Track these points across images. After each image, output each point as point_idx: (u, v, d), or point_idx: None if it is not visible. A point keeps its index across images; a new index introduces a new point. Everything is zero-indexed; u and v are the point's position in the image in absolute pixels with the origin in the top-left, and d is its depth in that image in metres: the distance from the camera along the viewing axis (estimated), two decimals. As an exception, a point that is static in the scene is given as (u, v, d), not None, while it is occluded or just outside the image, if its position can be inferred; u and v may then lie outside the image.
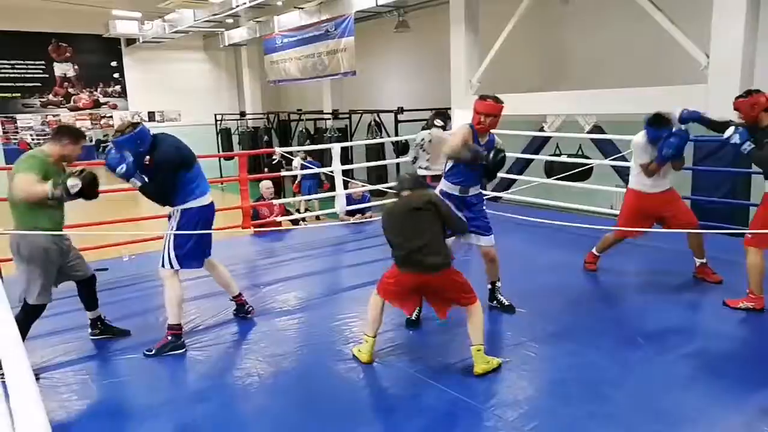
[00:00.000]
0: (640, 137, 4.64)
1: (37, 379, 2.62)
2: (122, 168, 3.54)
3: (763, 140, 3.89)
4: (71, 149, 3.63)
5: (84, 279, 3.94)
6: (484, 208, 4.24)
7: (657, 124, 4.52)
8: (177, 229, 3.82)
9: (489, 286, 4.29)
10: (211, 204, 3.95)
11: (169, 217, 3.91)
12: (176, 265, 3.84)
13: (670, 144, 4.37)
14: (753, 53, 6.57)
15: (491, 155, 3.88)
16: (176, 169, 3.72)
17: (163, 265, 3.86)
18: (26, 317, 3.55)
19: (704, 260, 4.71)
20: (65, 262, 3.77)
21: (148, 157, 3.65)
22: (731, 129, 4.06)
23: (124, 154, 3.55)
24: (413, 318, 4.04)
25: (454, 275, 3.41)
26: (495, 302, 4.28)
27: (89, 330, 4.07)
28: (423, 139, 6.00)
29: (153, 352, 3.75)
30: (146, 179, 3.69)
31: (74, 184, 3.36)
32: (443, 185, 4.18)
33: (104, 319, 4.13)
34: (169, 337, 3.82)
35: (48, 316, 4.36)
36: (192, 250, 3.88)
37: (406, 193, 3.51)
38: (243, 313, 4.37)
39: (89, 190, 3.47)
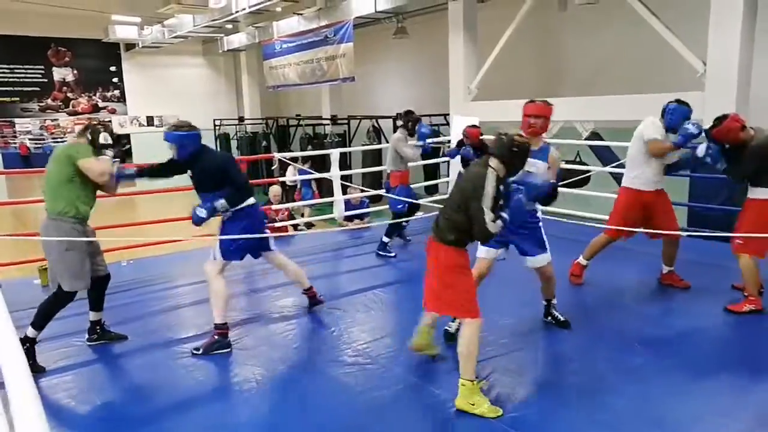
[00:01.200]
0: (652, 118, 4.53)
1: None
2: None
3: (740, 155, 4.05)
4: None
5: (101, 276, 3.96)
6: (540, 225, 3.93)
7: (684, 105, 4.39)
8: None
9: (544, 303, 4.12)
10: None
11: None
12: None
13: (711, 154, 4.19)
14: (749, 60, 6.61)
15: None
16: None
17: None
18: (55, 302, 3.71)
19: (672, 268, 4.73)
20: (92, 253, 3.84)
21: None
22: (702, 147, 4.17)
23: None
24: (452, 331, 3.79)
25: (452, 264, 3.07)
26: (550, 318, 4.07)
27: (86, 336, 4.06)
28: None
29: (201, 351, 3.80)
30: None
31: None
32: None
33: (103, 323, 4.12)
34: (216, 337, 3.87)
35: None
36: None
37: (489, 156, 3.10)
38: (315, 304, 4.58)
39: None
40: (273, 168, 11.29)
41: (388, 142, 7.53)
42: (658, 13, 7.50)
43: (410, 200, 6.03)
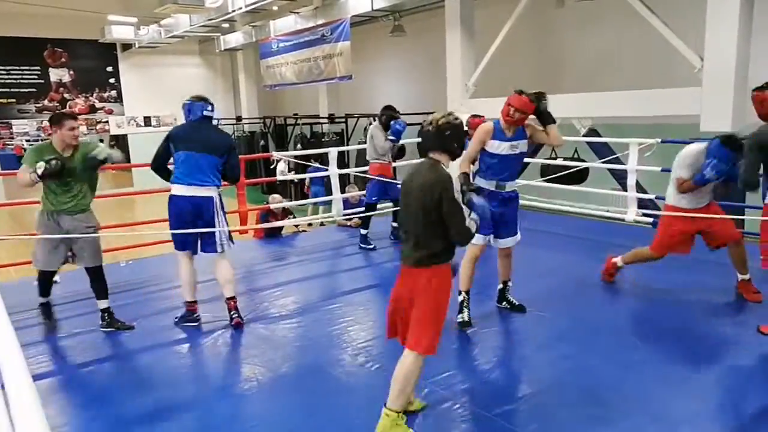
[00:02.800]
0: (693, 149, 4.19)
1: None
2: None
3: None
4: (59, 134, 3.99)
5: (87, 268, 4.21)
6: (517, 205, 4.11)
7: (729, 145, 3.94)
8: None
9: (500, 286, 4.28)
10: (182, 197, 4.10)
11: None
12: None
13: (715, 166, 3.92)
14: (747, 55, 6.61)
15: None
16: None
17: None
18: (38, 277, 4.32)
19: (747, 276, 4.33)
20: (70, 242, 4.11)
21: None
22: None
23: None
24: (466, 319, 4.00)
25: (430, 288, 2.67)
26: (504, 303, 4.25)
27: (99, 321, 4.34)
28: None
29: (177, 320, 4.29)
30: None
31: (39, 166, 3.81)
32: (477, 181, 3.93)
33: (111, 311, 4.34)
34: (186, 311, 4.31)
35: (43, 323, 4.38)
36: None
37: (429, 157, 2.73)
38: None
39: (51, 175, 3.86)
40: (272, 167, 11.29)
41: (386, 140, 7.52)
42: (655, 9, 7.49)
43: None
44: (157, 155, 4.20)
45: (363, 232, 6.35)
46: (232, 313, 4.26)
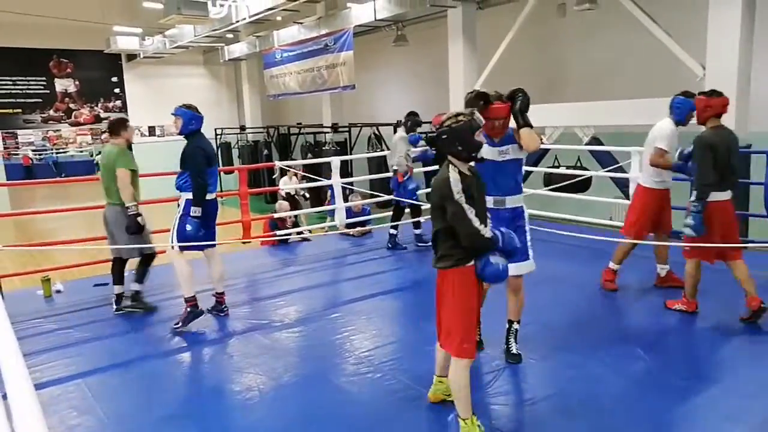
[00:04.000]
0: (668, 125, 4.52)
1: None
2: None
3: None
4: (126, 135, 4.85)
5: (145, 255, 4.89)
6: (525, 225, 3.48)
7: (690, 98, 4.36)
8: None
9: (507, 324, 3.69)
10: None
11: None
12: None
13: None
14: (749, 64, 6.62)
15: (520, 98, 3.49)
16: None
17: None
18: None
19: (667, 266, 4.82)
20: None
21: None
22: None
23: None
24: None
25: (454, 289, 2.69)
26: (505, 345, 3.65)
27: (121, 303, 4.84)
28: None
29: (180, 325, 4.35)
30: None
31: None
32: None
33: (141, 294, 4.87)
34: (188, 309, 4.39)
35: (46, 332, 4.40)
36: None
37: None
38: (218, 311, 4.71)
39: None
40: (274, 177, 11.32)
41: (389, 149, 7.56)
42: (657, 18, 7.53)
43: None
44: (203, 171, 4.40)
45: (392, 231, 6.61)
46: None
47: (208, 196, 4.39)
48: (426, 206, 6.29)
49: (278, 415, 3.17)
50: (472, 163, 2.72)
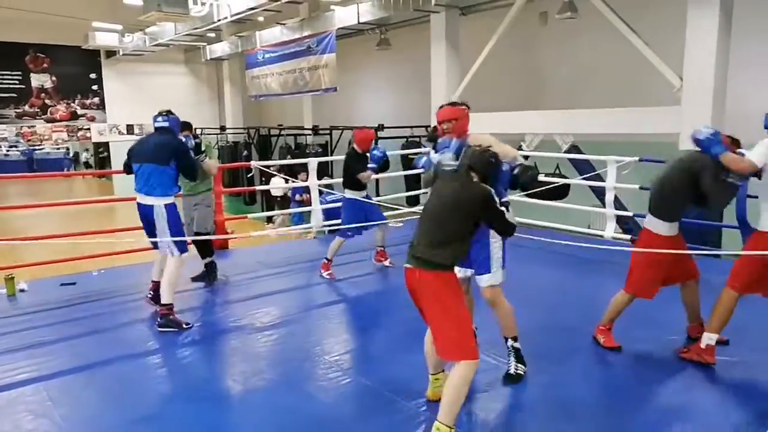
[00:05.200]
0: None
1: None
2: None
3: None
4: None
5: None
6: (492, 238, 3.33)
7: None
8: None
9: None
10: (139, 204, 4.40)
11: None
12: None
13: None
14: (725, 75, 6.71)
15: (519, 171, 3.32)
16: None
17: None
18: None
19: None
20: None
21: None
22: None
23: None
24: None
25: (448, 293, 2.70)
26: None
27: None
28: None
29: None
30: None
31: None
32: None
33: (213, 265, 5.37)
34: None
35: (6, 333, 4.26)
36: None
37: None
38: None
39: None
40: (249, 176, 11.21)
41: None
42: (637, 29, 7.60)
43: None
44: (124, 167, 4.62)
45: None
46: (160, 318, 4.32)
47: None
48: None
49: (244, 421, 3.09)
50: None
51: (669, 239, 3.61)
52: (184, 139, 4.68)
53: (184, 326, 4.29)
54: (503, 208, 2.94)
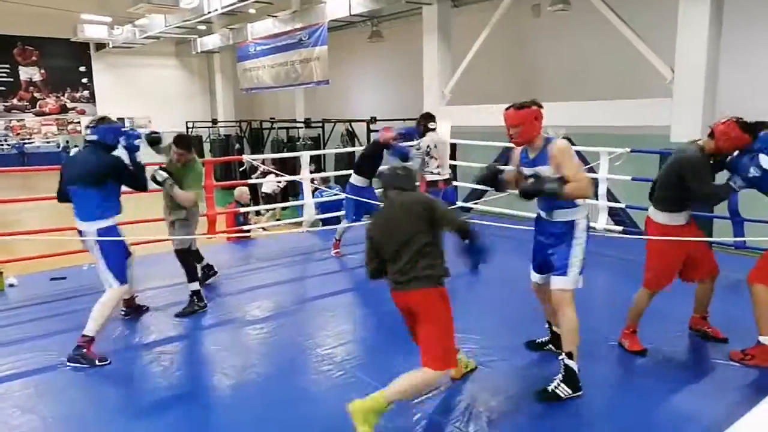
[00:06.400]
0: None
1: None
2: None
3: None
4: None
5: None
6: (573, 240, 3.13)
7: None
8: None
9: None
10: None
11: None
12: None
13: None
14: (716, 68, 6.72)
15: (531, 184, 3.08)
16: None
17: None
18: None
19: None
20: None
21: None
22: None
23: None
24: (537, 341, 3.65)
25: (436, 307, 2.79)
26: (554, 382, 3.11)
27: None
28: (428, 146, 5.62)
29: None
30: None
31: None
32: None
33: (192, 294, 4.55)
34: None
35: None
36: None
37: (394, 193, 2.93)
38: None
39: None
40: (241, 170, 11.16)
41: (362, 145, 7.40)
42: (629, 21, 7.59)
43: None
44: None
45: None
46: (74, 350, 3.65)
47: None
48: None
49: (236, 414, 3.07)
50: None
51: (672, 228, 3.53)
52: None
53: (98, 363, 3.59)
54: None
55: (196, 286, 4.59)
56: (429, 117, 5.82)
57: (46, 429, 2.96)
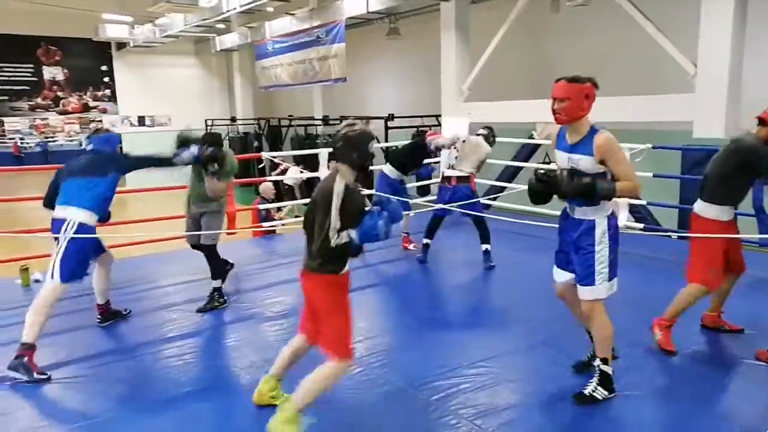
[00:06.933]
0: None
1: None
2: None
3: None
4: None
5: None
6: (598, 247, 2.90)
7: None
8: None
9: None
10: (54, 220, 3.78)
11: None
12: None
13: None
14: (740, 63, 6.59)
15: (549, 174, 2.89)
16: None
17: None
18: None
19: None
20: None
21: None
22: None
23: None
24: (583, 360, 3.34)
25: (328, 293, 2.69)
26: (590, 387, 3.03)
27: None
28: (461, 138, 5.61)
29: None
30: None
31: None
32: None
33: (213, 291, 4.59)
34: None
35: (18, 323, 4.27)
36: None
37: (332, 165, 2.74)
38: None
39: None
40: (260, 166, 11.24)
41: (380, 142, 7.32)
42: (650, 15, 7.48)
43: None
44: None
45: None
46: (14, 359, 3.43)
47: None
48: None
49: (247, 410, 3.08)
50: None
51: (721, 224, 3.48)
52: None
53: (36, 376, 3.38)
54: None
55: (218, 283, 4.63)
56: (488, 128, 5.92)
57: (69, 421, 3.02)
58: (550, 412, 2.99)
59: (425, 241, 5.73)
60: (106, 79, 18.99)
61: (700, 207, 3.57)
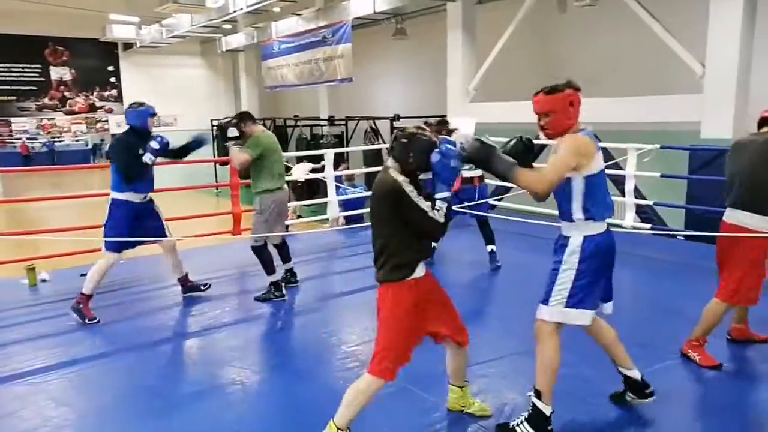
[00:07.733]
0: None
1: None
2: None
3: None
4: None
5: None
6: (563, 266, 2.66)
7: None
8: None
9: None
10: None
11: None
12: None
13: None
14: (748, 63, 6.55)
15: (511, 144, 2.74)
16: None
17: None
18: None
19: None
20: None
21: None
22: None
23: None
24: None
25: (386, 304, 2.69)
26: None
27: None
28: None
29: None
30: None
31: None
32: (587, 227, 2.69)
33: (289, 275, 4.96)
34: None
35: (25, 323, 4.34)
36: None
37: (390, 163, 2.59)
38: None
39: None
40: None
41: (385, 142, 7.39)
42: (658, 16, 7.45)
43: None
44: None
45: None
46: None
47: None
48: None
49: (261, 410, 3.10)
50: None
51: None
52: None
53: (87, 321, 4.24)
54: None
55: (274, 277, 4.76)
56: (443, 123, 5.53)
57: (80, 420, 3.02)
58: (556, 413, 2.97)
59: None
60: (112, 80, 19.08)
61: (739, 217, 3.25)
